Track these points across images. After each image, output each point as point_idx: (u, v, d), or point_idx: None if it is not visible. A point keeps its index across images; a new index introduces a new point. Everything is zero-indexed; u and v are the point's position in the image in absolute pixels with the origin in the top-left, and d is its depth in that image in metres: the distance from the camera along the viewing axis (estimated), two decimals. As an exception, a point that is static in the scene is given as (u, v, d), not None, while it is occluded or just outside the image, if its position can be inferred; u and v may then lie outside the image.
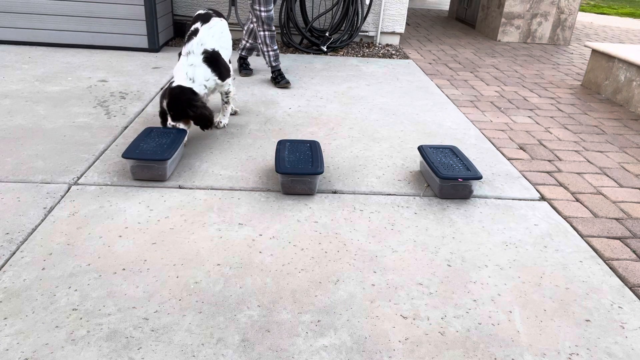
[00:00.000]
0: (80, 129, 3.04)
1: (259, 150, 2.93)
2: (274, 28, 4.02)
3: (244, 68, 4.47)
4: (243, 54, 4.45)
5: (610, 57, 4.62)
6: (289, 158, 2.52)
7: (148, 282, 1.79)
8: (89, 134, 2.98)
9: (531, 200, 2.59)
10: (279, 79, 4.15)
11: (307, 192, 2.46)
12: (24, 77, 3.92)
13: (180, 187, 2.46)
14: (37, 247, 1.94)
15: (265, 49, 4.09)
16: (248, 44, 4.35)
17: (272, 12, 3.93)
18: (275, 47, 4.11)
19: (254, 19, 3.99)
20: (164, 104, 2.77)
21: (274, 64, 4.17)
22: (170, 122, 2.78)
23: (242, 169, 2.69)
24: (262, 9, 3.87)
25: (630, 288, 1.96)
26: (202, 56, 2.89)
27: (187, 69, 2.84)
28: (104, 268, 1.84)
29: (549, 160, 3.13)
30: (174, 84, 2.79)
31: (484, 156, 3.09)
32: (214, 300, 1.73)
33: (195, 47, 2.88)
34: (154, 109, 3.47)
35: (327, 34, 5.56)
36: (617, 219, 2.49)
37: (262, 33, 4.01)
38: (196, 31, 2.94)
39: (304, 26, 5.61)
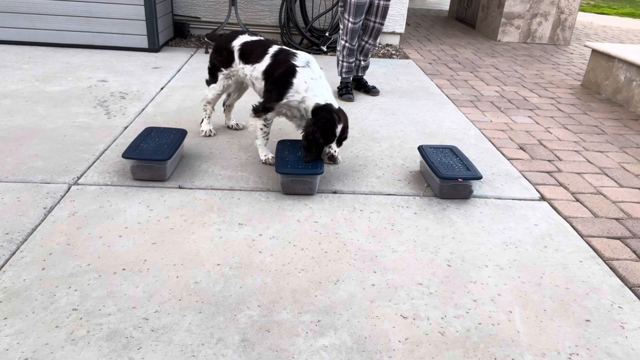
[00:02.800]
0: (80, 129, 3.04)
1: (259, 150, 2.93)
2: (355, 42, 3.87)
3: (360, 90, 4.20)
4: (358, 74, 4.19)
5: (610, 57, 4.62)
6: (289, 158, 2.52)
7: (148, 282, 1.79)
8: (89, 134, 2.98)
9: (531, 200, 2.59)
10: (343, 92, 4.02)
11: (307, 192, 2.46)
12: (24, 77, 3.92)
13: (180, 187, 2.46)
14: (37, 247, 1.94)
15: (340, 59, 3.96)
16: (362, 63, 4.12)
17: (359, 25, 3.78)
18: (351, 60, 3.96)
19: (341, 26, 3.85)
20: (338, 129, 2.48)
21: (344, 75, 4.03)
22: (336, 150, 2.55)
23: (242, 169, 2.69)
24: (357, 20, 3.72)
25: (630, 288, 1.96)
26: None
27: (325, 83, 2.58)
28: (104, 268, 1.84)
29: (549, 160, 3.13)
30: (330, 104, 2.49)
31: (484, 156, 3.09)
32: (214, 300, 1.73)
33: (310, 59, 2.60)
34: (154, 109, 3.47)
35: (327, 34, 5.56)
36: (617, 219, 2.49)
37: (342, 42, 3.88)
38: (286, 52, 2.62)
39: (304, 26, 5.61)
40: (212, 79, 2.94)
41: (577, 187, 2.80)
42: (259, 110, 2.65)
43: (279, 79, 2.55)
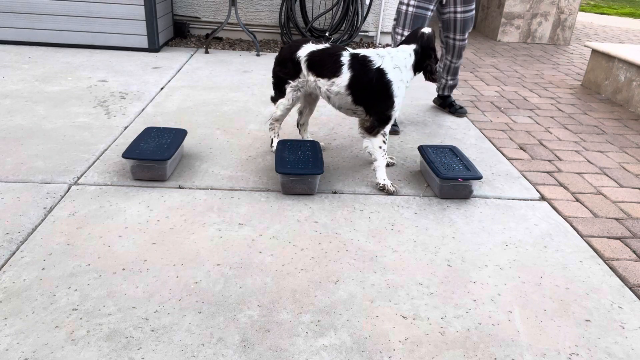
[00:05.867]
0: (80, 129, 3.04)
1: (258, 150, 2.93)
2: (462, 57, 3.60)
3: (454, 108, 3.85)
4: (444, 93, 3.85)
5: (610, 57, 4.62)
6: (289, 158, 2.52)
7: (148, 282, 1.79)
8: (89, 134, 2.98)
9: (531, 200, 2.59)
10: (456, 107, 3.78)
11: (307, 192, 2.46)
12: (24, 77, 3.92)
13: (180, 187, 2.46)
14: (37, 247, 1.94)
15: (448, 77, 3.71)
16: (450, 82, 3.78)
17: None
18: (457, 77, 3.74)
19: (446, 49, 3.56)
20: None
21: (448, 92, 3.81)
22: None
23: (242, 169, 2.69)
24: (458, 37, 3.43)
25: (630, 288, 1.96)
26: None
27: (399, 52, 2.64)
28: (104, 268, 1.84)
29: (549, 160, 3.13)
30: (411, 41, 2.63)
31: (484, 156, 3.09)
32: (214, 300, 1.73)
33: (382, 51, 2.63)
34: (154, 109, 3.47)
35: (327, 34, 5.56)
36: (617, 219, 2.49)
37: (455, 65, 3.61)
38: (361, 60, 2.53)
39: (304, 26, 5.61)
40: (279, 93, 2.73)
41: (577, 187, 2.80)
42: (375, 127, 2.50)
43: (380, 90, 2.48)
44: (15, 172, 2.47)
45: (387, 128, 2.54)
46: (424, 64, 2.58)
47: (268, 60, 5.03)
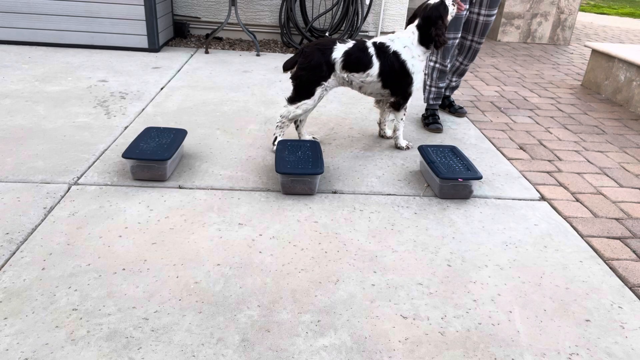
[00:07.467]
0: (80, 129, 3.04)
1: (258, 150, 2.93)
2: (448, 63, 3.45)
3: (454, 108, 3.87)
4: (445, 93, 3.83)
5: (610, 57, 4.62)
6: (289, 158, 2.52)
7: (148, 282, 1.79)
8: (89, 134, 2.98)
9: (531, 200, 2.59)
10: (429, 121, 3.51)
11: (307, 192, 2.46)
12: (24, 77, 3.92)
13: (180, 187, 2.46)
14: (37, 247, 1.94)
15: (428, 83, 3.57)
16: (453, 83, 3.79)
17: (453, 42, 3.34)
18: (442, 85, 3.55)
19: (460, 50, 3.54)
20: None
21: (431, 102, 3.59)
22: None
23: (242, 169, 2.69)
24: (451, 35, 3.29)
25: (630, 288, 1.96)
26: None
27: (405, 33, 2.93)
28: (104, 268, 1.84)
29: (549, 160, 3.13)
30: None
31: (484, 156, 3.09)
32: (214, 300, 1.73)
33: (393, 36, 2.92)
34: (154, 109, 3.47)
35: (327, 34, 5.56)
36: (617, 219, 2.49)
37: (431, 64, 3.50)
38: (382, 48, 2.79)
39: (304, 26, 5.61)
40: (307, 94, 2.77)
41: (577, 187, 2.80)
42: (402, 104, 2.95)
43: (399, 71, 2.82)
44: (15, 172, 2.47)
45: (408, 103, 2.97)
46: (429, 32, 2.80)
47: (268, 60, 5.03)
